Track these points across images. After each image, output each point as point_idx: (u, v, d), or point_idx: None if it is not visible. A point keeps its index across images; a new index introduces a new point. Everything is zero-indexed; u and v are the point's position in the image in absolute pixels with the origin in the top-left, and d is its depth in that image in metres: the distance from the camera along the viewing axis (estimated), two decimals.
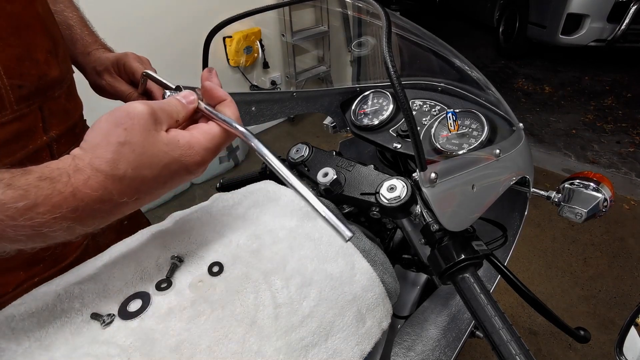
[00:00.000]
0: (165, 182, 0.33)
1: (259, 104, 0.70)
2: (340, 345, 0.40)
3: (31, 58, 0.42)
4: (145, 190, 0.32)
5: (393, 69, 0.35)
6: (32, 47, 0.42)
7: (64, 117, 0.50)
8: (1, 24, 0.38)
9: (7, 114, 0.41)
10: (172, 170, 0.33)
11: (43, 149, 0.47)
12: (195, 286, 0.38)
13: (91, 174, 0.29)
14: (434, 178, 0.38)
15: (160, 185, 0.33)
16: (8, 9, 0.38)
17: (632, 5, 3.25)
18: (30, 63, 0.42)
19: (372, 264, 0.47)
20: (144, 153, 0.30)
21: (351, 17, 2.50)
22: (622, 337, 0.46)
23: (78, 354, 0.32)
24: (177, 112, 0.36)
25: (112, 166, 0.29)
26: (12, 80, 0.40)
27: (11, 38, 0.39)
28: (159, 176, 0.32)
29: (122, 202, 0.31)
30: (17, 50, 0.40)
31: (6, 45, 0.39)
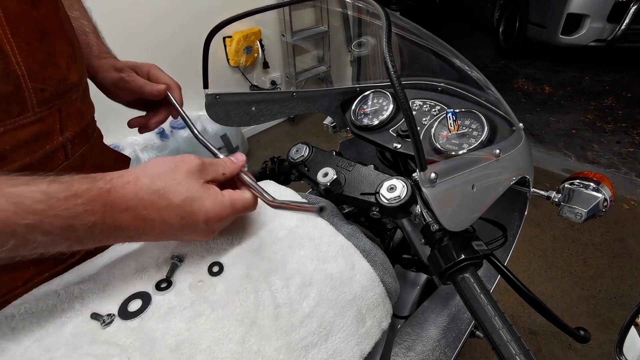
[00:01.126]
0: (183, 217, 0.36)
1: (258, 104, 0.70)
2: (340, 345, 0.40)
3: (53, 63, 0.44)
4: (163, 217, 0.35)
5: (393, 69, 0.34)
6: (54, 53, 0.44)
7: (78, 119, 0.52)
8: (28, 30, 0.39)
9: (29, 116, 0.43)
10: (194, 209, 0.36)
11: (59, 149, 0.49)
12: (195, 286, 0.38)
13: (132, 180, 0.34)
14: (433, 178, 0.38)
15: (177, 219, 0.36)
16: (34, 15, 0.40)
17: (632, 5, 3.25)
18: (53, 68, 0.44)
19: (372, 264, 0.47)
20: (180, 184, 0.36)
21: (351, 17, 2.50)
22: (622, 337, 0.46)
23: (78, 353, 0.32)
24: (225, 167, 0.42)
25: (152, 180, 0.35)
26: (35, 84, 0.42)
27: (36, 44, 0.41)
28: (181, 207, 0.35)
29: (141, 218, 0.34)
30: (41, 55, 0.42)
31: (31, 51, 0.40)
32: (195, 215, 0.36)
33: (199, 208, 0.36)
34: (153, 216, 0.34)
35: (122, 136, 2.05)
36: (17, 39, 0.38)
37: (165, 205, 0.35)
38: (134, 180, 0.34)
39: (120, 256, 0.42)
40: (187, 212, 0.36)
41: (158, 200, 0.34)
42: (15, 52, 0.39)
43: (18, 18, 0.38)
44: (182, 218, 0.36)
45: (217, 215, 0.37)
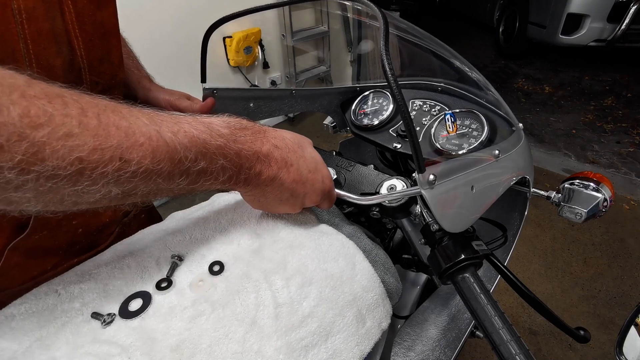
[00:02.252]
0: (310, 171, 0.43)
1: (257, 101, 0.70)
2: (340, 345, 0.40)
3: (109, 60, 0.48)
4: (299, 164, 0.41)
5: (390, 72, 0.34)
6: (110, 51, 0.48)
7: None
8: (92, 28, 0.44)
9: None
10: (318, 167, 0.44)
11: None
12: (195, 285, 0.38)
13: (279, 131, 0.42)
14: (432, 180, 0.38)
15: (307, 170, 0.42)
16: (99, 16, 0.44)
17: (632, 5, 3.25)
18: (108, 64, 0.48)
19: (373, 264, 0.47)
20: (309, 147, 0.45)
21: (351, 18, 2.49)
22: (622, 337, 0.46)
23: (79, 353, 0.32)
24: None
25: (292, 136, 0.43)
26: (92, 77, 0.46)
27: (97, 41, 0.45)
28: (310, 162, 0.43)
29: (284, 159, 0.40)
30: (100, 52, 0.46)
31: (93, 47, 0.44)
32: (317, 173, 0.44)
33: (320, 168, 0.45)
34: (293, 160, 0.41)
35: None
36: (83, 35, 0.42)
37: (302, 156, 0.42)
38: (280, 131, 0.42)
39: (121, 256, 0.42)
40: (313, 167, 0.43)
41: (298, 149, 0.42)
42: (81, 47, 0.43)
43: (86, 17, 0.42)
44: (310, 171, 0.43)
45: (328, 179, 0.46)
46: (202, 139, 0.32)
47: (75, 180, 0.25)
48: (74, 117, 0.25)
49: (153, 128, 0.29)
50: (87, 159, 0.25)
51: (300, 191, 0.42)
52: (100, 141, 0.26)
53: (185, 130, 0.31)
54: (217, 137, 0.34)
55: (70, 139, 0.24)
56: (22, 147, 0.22)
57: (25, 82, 0.24)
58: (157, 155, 0.29)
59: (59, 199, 0.26)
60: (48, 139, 0.23)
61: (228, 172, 0.35)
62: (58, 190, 0.25)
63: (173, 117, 0.32)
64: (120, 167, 0.27)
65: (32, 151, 0.23)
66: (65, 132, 0.24)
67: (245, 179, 0.38)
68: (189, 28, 2.21)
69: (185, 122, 0.32)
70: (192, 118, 0.34)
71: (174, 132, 0.31)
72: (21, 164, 0.22)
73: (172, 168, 0.30)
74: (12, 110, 0.22)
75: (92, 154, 0.25)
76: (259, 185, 0.39)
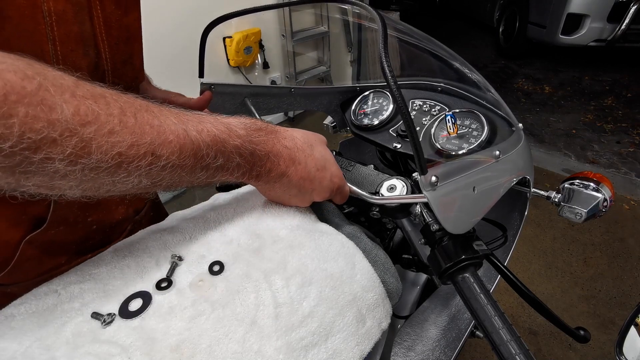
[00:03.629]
0: (318, 169, 0.44)
1: (254, 97, 0.70)
2: (340, 345, 0.40)
3: (131, 63, 0.49)
4: (307, 162, 0.43)
5: (390, 73, 0.35)
6: (133, 54, 0.49)
7: None
8: (118, 33, 0.45)
9: None
10: (327, 166, 0.45)
11: None
12: (195, 285, 0.38)
13: (289, 130, 0.44)
14: (434, 181, 0.38)
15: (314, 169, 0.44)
16: (125, 21, 0.46)
17: (632, 5, 3.25)
18: (130, 67, 0.50)
19: (373, 264, 0.47)
20: (320, 145, 0.47)
21: (350, 20, 2.49)
22: (622, 337, 0.46)
23: (79, 353, 0.32)
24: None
25: (303, 135, 0.45)
26: (115, 78, 0.47)
27: (122, 45, 0.46)
28: (319, 161, 0.44)
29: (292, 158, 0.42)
30: (124, 55, 0.47)
31: (118, 50, 0.46)
32: (326, 171, 0.45)
33: (329, 166, 0.46)
34: (301, 160, 0.43)
35: None
36: (109, 39, 0.44)
37: (310, 154, 0.44)
38: (291, 131, 0.44)
39: (121, 256, 0.42)
40: (322, 166, 0.45)
41: (307, 148, 0.44)
42: (106, 49, 0.44)
43: (113, 22, 0.44)
44: (318, 170, 0.44)
45: (338, 177, 0.47)
46: (222, 139, 0.35)
47: (113, 171, 0.28)
48: (115, 116, 0.27)
49: (181, 127, 0.32)
50: (126, 154, 0.28)
51: (308, 187, 0.45)
52: (137, 138, 0.28)
53: (208, 130, 0.34)
54: (235, 137, 0.36)
55: (113, 135, 0.27)
56: (72, 142, 0.25)
57: (74, 83, 0.26)
58: (184, 152, 0.32)
59: (97, 187, 0.29)
60: (94, 135, 0.26)
61: (242, 168, 0.38)
62: (98, 179, 0.28)
63: (196, 116, 0.35)
64: (152, 161, 0.30)
65: (81, 145, 0.25)
66: (109, 129, 0.27)
67: (257, 175, 0.41)
68: (190, 29, 2.21)
69: (208, 122, 0.35)
70: (213, 118, 0.36)
71: (199, 131, 0.33)
72: (70, 156, 0.25)
73: (194, 163, 0.33)
74: (65, 109, 0.25)
75: (130, 149, 0.28)
76: (269, 181, 0.42)
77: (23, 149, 0.23)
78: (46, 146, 0.24)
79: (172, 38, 2.22)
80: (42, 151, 0.24)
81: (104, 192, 0.30)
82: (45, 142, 0.24)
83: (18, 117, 0.23)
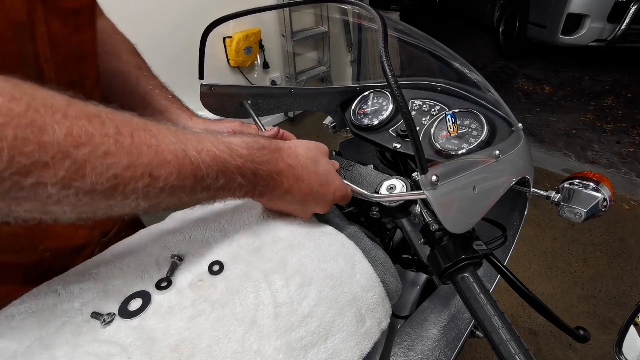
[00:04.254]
0: (322, 184, 0.44)
1: (254, 98, 0.70)
2: (339, 345, 0.40)
3: (82, 84, 0.47)
4: (310, 179, 0.43)
5: (391, 73, 0.35)
6: (84, 74, 0.47)
7: None
8: (66, 52, 0.42)
9: None
10: (329, 180, 0.45)
11: None
12: (195, 285, 0.38)
13: (292, 145, 0.43)
14: (435, 181, 0.38)
15: (317, 185, 0.44)
16: (75, 40, 0.43)
17: (632, 5, 3.25)
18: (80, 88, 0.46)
19: (373, 264, 0.47)
20: (322, 159, 0.46)
21: (350, 21, 2.50)
22: (621, 336, 0.46)
23: (79, 352, 0.32)
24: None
25: (306, 151, 0.44)
26: None
27: (70, 65, 0.44)
28: (322, 176, 0.44)
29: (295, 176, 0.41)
30: (73, 76, 0.45)
31: (65, 71, 0.43)
32: (328, 186, 0.45)
33: (332, 180, 0.46)
34: (304, 177, 0.42)
35: None
36: (55, 58, 0.41)
37: (314, 171, 0.43)
38: (294, 147, 0.44)
39: (120, 255, 0.42)
40: (325, 181, 0.45)
41: (310, 165, 0.43)
42: (52, 70, 0.41)
43: (59, 40, 0.41)
44: (321, 185, 0.44)
45: (341, 190, 0.47)
46: (223, 159, 0.34)
47: (109, 195, 0.27)
48: (111, 137, 0.26)
49: (179, 146, 0.31)
50: (122, 176, 0.27)
51: (310, 202, 0.45)
52: (134, 159, 0.27)
53: (208, 149, 0.33)
54: (236, 157, 0.36)
55: (108, 157, 0.26)
56: (65, 165, 0.24)
57: (65, 103, 0.25)
58: (183, 173, 0.31)
59: (92, 210, 0.28)
60: (89, 157, 0.25)
61: (244, 188, 0.37)
62: (93, 203, 0.27)
63: (196, 135, 0.34)
64: (150, 183, 0.29)
65: (74, 168, 0.24)
66: (104, 150, 0.26)
67: (260, 193, 0.40)
68: (190, 29, 2.21)
69: (208, 141, 0.34)
70: (214, 137, 0.35)
71: (198, 151, 0.32)
72: (64, 180, 0.24)
73: (194, 184, 0.32)
74: (56, 130, 0.23)
75: (126, 171, 0.27)
76: (272, 198, 0.42)
77: (13, 174, 0.22)
78: (37, 170, 0.23)
79: (171, 39, 2.22)
80: (33, 175, 0.23)
81: (100, 214, 0.29)
82: (37, 166, 0.23)
83: (7, 140, 0.21)
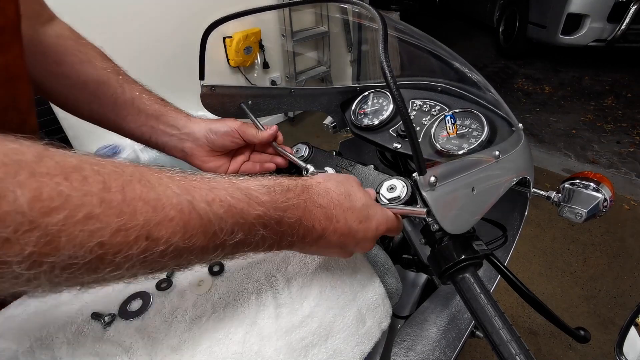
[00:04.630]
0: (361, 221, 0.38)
1: (255, 98, 0.70)
2: (340, 345, 0.40)
3: (15, 107, 0.42)
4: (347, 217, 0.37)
5: (390, 74, 0.35)
6: (17, 97, 0.42)
7: None
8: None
9: None
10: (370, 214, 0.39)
11: None
12: (196, 286, 0.38)
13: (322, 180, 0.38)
14: (433, 182, 0.38)
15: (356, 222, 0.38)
16: (1, 61, 0.38)
17: (632, 5, 3.25)
18: (14, 112, 0.42)
19: (373, 264, 0.47)
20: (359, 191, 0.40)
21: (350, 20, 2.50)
22: (622, 337, 0.46)
23: (80, 353, 0.32)
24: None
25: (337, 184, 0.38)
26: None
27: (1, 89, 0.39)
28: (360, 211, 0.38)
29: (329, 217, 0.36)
30: (3, 100, 0.40)
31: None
32: (370, 221, 0.39)
33: (373, 214, 0.40)
34: (339, 216, 0.36)
35: (120, 137, 2.06)
36: None
37: (349, 207, 0.38)
38: (323, 181, 0.38)
39: None
40: (364, 216, 0.38)
41: (344, 201, 0.37)
42: None
43: None
44: (361, 222, 0.38)
45: (385, 223, 0.41)
46: (240, 209, 0.29)
47: (95, 267, 0.22)
48: (94, 195, 0.21)
49: (185, 198, 0.26)
50: (109, 243, 0.22)
51: (350, 243, 0.39)
52: (125, 220, 0.22)
53: (221, 199, 0.28)
54: (256, 205, 0.30)
55: (90, 221, 0.21)
56: (32, 238, 0.19)
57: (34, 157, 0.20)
58: (189, 230, 0.25)
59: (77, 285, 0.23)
60: (64, 224, 0.20)
61: (268, 241, 0.31)
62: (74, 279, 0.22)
63: (206, 181, 0.29)
64: (147, 247, 0.23)
65: (45, 241, 0.20)
66: (85, 214, 0.21)
67: (289, 244, 0.34)
68: (190, 30, 2.21)
69: (221, 188, 0.29)
70: (228, 182, 0.30)
71: (208, 202, 0.27)
72: (32, 256, 0.19)
73: (205, 243, 0.27)
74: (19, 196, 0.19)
75: (115, 236, 0.22)
76: (303, 247, 0.36)
77: None
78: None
79: (171, 39, 2.22)
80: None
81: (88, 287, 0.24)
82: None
83: None
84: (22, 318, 0.35)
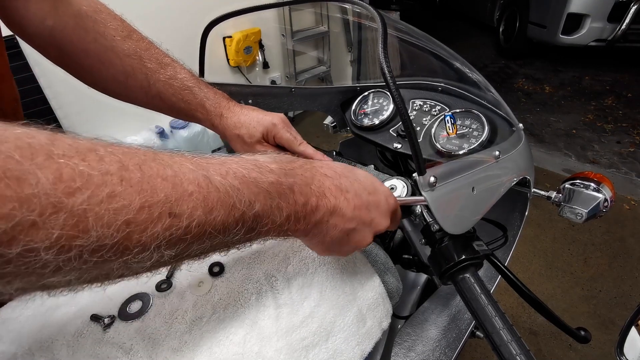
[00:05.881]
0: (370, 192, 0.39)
1: (255, 97, 0.70)
2: (340, 345, 0.40)
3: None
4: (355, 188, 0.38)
5: (389, 74, 0.34)
6: (1, 98, 0.42)
7: None
8: None
9: None
10: (376, 186, 0.40)
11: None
12: (196, 287, 0.38)
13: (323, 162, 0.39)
14: (433, 182, 0.38)
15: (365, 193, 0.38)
16: None
17: (632, 5, 3.25)
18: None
19: (373, 264, 0.47)
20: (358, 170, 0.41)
21: (350, 20, 2.49)
22: (622, 337, 0.46)
23: (80, 355, 0.32)
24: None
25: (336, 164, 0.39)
26: None
27: None
28: (366, 183, 0.39)
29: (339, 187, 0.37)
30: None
31: None
32: (378, 193, 0.40)
33: (379, 186, 0.41)
34: (347, 187, 0.37)
35: (122, 136, 2.05)
36: None
37: (356, 179, 0.39)
38: (326, 162, 0.40)
39: None
40: (372, 189, 0.39)
41: (349, 174, 0.39)
42: None
43: None
44: (370, 193, 0.39)
45: (391, 196, 0.41)
46: (253, 178, 0.30)
47: (123, 248, 0.22)
48: (114, 174, 0.21)
49: (200, 173, 0.26)
50: (135, 221, 0.22)
51: (366, 217, 0.38)
52: (147, 197, 0.22)
53: (234, 171, 0.29)
54: (267, 173, 0.31)
55: (114, 200, 0.21)
56: (59, 220, 0.19)
57: (48, 140, 0.20)
58: (209, 204, 0.26)
59: (105, 274, 0.23)
60: (89, 204, 0.20)
61: (284, 210, 0.32)
62: (104, 264, 0.22)
63: (216, 158, 0.30)
64: (171, 223, 0.23)
65: (72, 222, 0.19)
66: (108, 193, 0.20)
67: (304, 216, 0.34)
68: (189, 28, 2.21)
69: (232, 162, 0.30)
70: (237, 157, 0.31)
71: (223, 175, 0.28)
72: (60, 240, 0.19)
73: (226, 216, 0.27)
74: (41, 177, 0.18)
75: (140, 213, 0.22)
76: (320, 222, 0.35)
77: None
78: (23, 234, 0.18)
79: (171, 38, 2.21)
80: (19, 242, 0.18)
81: (115, 277, 0.24)
82: (21, 229, 0.17)
83: None
84: (20, 320, 0.35)
